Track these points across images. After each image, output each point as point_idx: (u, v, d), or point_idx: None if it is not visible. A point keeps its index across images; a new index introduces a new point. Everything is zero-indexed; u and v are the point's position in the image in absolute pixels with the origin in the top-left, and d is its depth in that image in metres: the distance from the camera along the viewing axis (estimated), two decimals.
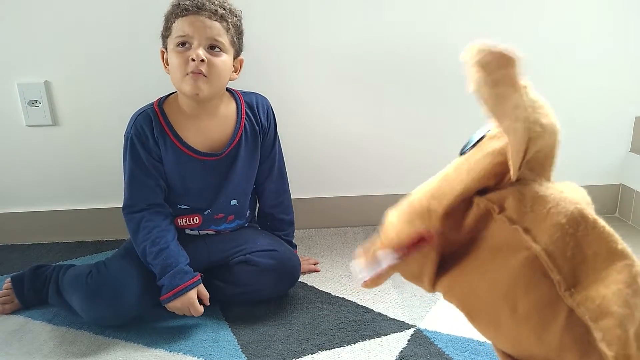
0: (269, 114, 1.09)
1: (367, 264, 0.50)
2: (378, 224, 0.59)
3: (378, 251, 0.49)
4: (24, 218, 1.37)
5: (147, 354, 0.90)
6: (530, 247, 0.39)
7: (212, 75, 0.93)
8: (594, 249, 0.39)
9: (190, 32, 0.92)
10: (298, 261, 1.07)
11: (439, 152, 1.39)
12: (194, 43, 0.92)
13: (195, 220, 1.05)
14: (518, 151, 0.40)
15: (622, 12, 1.32)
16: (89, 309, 0.95)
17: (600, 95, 1.38)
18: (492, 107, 0.40)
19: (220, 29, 0.94)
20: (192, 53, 0.92)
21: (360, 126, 1.37)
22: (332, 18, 1.28)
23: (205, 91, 0.94)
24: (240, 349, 0.91)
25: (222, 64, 0.95)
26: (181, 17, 0.92)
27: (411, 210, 0.48)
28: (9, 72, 1.27)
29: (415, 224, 0.47)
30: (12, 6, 1.22)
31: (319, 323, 0.98)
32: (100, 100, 1.30)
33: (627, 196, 1.42)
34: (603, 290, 0.37)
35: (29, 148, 1.33)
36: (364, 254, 0.50)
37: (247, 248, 1.04)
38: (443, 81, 1.34)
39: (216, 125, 1.02)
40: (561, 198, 0.41)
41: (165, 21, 0.97)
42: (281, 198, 1.14)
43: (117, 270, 0.98)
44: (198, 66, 0.91)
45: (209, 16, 0.92)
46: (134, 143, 0.98)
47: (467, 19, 1.30)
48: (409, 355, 0.88)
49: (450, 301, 0.48)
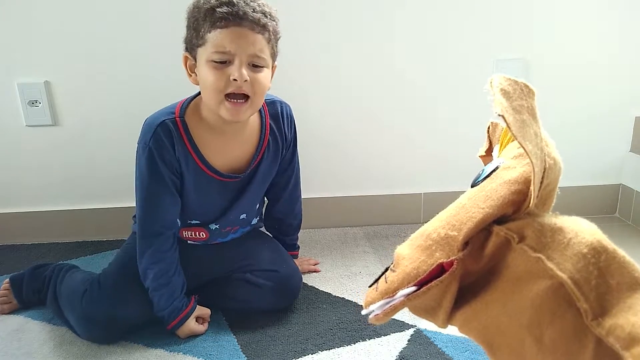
0: (292, 124, 1.02)
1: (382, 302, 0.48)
2: (378, 224, 0.58)
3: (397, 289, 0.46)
4: (24, 218, 1.37)
5: (147, 354, 0.90)
6: (554, 275, 0.39)
7: (255, 96, 0.85)
8: (617, 278, 0.39)
9: (232, 48, 0.81)
10: (299, 278, 1.05)
11: (439, 152, 1.40)
12: (235, 60, 0.82)
13: (202, 234, 1.01)
14: (539, 177, 0.40)
15: (622, 12, 1.32)
16: (85, 330, 0.94)
17: (600, 95, 1.38)
18: (517, 130, 0.41)
19: (263, 42, 0.84)
20: (234, 72, 0.82)
21: (361, 126, 1.37)
22: (330, 16, 1.28)
23: (247, 116, 0.88)
24: (240, 349, 0.91)
25: (264, 80, 0.86)
26: (220, 28, 0.81)
27: (429, 241, 0.47)
28: (9, 72, 1.27)
29: (435, 255, 0.45)
30: (12, 6, 1.22)
31: (319, 323, 0.98)
32: (100, 100, 1.30)
33: (627, 196, 1.42)
34: (632, 318, 0.36)
35: (29, 148, 1.33)
36: (381, 294, 0.48)
37: (249, 265, 1.01)
38: (442, 83, 1.34)
39: (241, 144, 0.95)
40: (579, 229, 0.41)
41: (194, 28, 0.84)
42: (293, 206, 1.12)
43: (111, 290, 0.94)
44: (240, 87, 0.83)
45: (252, 28, 0.82)
46: (153, 156, 0.89)
47: (467, 20, 1.30)
48: (409, 355, 0.88)
49: (468, 334, 0.47)
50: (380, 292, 0.47)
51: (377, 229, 1.39)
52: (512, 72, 1.32)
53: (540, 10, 1.30)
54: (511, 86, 0.43)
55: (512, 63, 1.33)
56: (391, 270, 0.48)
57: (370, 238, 1.35)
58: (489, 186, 0.46)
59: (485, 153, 0.60)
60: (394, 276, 0.47)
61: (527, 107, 0.43)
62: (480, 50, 1.32)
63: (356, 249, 1.29)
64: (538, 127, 0.43)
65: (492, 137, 0.59)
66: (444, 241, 0.45)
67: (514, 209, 0.44)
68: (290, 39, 1.28)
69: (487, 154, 0.60)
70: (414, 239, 0.50)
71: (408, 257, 0.48)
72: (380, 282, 0.48)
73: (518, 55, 1.33)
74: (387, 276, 0.48)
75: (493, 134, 0.59)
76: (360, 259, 1.23)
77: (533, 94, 0.44)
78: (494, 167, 0.48)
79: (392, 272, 0.47)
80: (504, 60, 1.33)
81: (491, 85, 0.43)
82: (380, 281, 0.48)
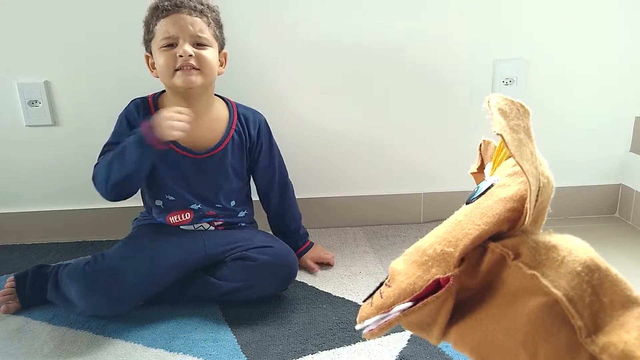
0: (261, 130, 1.11)
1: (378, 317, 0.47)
2: (378, 224, 0.58)
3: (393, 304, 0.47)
4: (24, 218, 1.37)
5: (147, 354, 0.90)
6: (549, 292, 0.39)
7: (203, 67, 0.97)
8: (609, 296, 0.39)
9: (174, 31, 0.95)
10: (295, 258, 1.07)
11: (440, 152, 1.40)
12: (179, 41, 0.95)
13: (186, 216, 1.07)
14: (534, 196, 0.41)
15: (623, 12, 1.32)
16: (85, 296, 0.95)
17: (600, 95, 1.38)
18: (515, 149, 0.42)
19: (202, 24, 0.97)
20: (179, 50, 0.95)
21: (361, 126, 1.37)
22: (326, 15, 1.28)
23: (199, 82, 0.97)
24: (240, 349, 0.91)
25: (210, 55, 0.98)
26: (162, 18, 0.96)
27: (425, 256, 0.47)
28: (9, 72, 1.27)
29: (432, 271, 0.45)
30: (12, 6, 1.22)
31: (319, 323, 0.98)
32: (100, 100, 1.30)
33: (627, 196, 1.42)
34: (625, 336, 0.37)
35: (29, 148, 1.33)
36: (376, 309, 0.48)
37: (243, 245, 1.05)
38: (442, 82, 1.34)
39: (205, 126, 1.04)
40: (572, 247, 0.42)
41: (146, 25, 1.00)
42: (286, 207, 1.18)
43: (114, 258, 0.99)
44: (187, 61, 0.95)
45: (189, 13, 0.96)
46: (122, 122, 1.04)
47: (466, 20, 1.30)
48: (409, 355, 0.88)
49: (462, 350, 0.47)
50: (375, 307, 0.47)
51: (377, 229, 1.39)
52: (512, 72, 1.33)
53: (540, 10, 1.30)
54: (508, 106, 0.44)
55: (512, 63, 1.33)
56: (386, 285, 0.48)
57: (370, 238, 1.35)
58: (485, 203, 0.46)
59: (477, 170, 0.61)
60: (389, 291, 0.47)
61: (523, 126, 0.44)
62: (480, 50, 1.32)
63: (356, 249, 1.29)
64: (533, 146, 0.44)
65: (484, 154, 0.60)
66: (440, 257, 0.45)
67: (509, 226, 0.44)
68: (288, 36, 1.29)
69: (479, 171, 0.61)
70: (409, 254, 0.50)
71: (404, 273, 0.48)
72: (375, 297, 0.48)
73: (518, 55, 1.33)
74: (382, 291, 0.48)
75: (485, 152, 0.60)
76: (360, 259, 1.24)
77: (528, 114, 0.45)
78: (489, 184, 0.49)
79: (388, 287, 0.47)
80: (503, 60, 1.33)
81: (489, 105, 0.44)
82: (375, 296, 0.48)
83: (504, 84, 1.34)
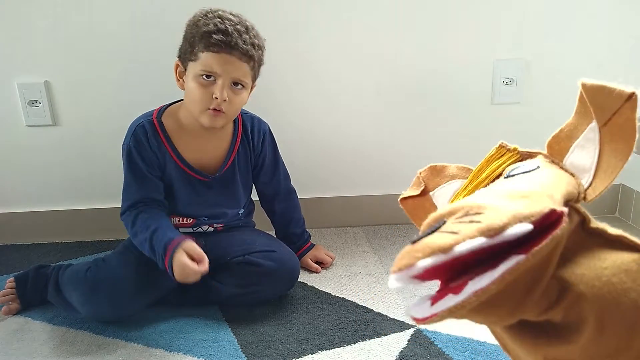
0: (265, 140, 1.10)
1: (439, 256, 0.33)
2: (378, 224, 0.58)
3: (504, 228, 0.34)
4: (24, 218, 1.37)
5: (147, 354, 0.90)
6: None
7: (229, 112, 0.97)
8: None
9: (218, 70, 0.92)
10: (297, 262, 1.07)
11: (439, 152, 1.40)
12: (219, 80, 0.93)
13: (189, 220, 1.08)
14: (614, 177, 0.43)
15: (622, 12, 1.31)
16: (88, 303, 0.95)
17: None
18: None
19: (246, 69, 0.95)
20: (216, 90, 0.93)
21: (361, 126, 1.37)
22: (333, 20, 1.28)
23: (222, 124, 0.99)
24: (240, 349, 0.91)
25: (240, 100, 0.98)
26: (211, 52, 0.91)
27: (519, 195, 0.39)
28: (9, 72, 1.27)
29: (542, 202, 0.37)
30: (12, 6, 1.22)
31: (319, 323, 0.98)
32: (100, 100, 1.30)
33: (627, 196, 1.42)
34: None
35: (29, 148, 1.33)
36: (462, 238, 0.33)
37: (245, 248, 1.04)
38: (442, 82, 1.34)
39: (213, 145, 1.05)
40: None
41: (190, 43, 0.94)
42: (291, 214, 1.19)
43: (115, 265, 0.99)
44: (220, 105, 0.94)
45: (240, 57, 0.92)
46: (133, 154, 0.99)
47: (466, 19, 1.30)
48: (409, 355, 0.88)
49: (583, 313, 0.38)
50: (459, 236, 0.33)
51: (377, 229, 1.39)
52: (512, 72, 1.33)
53: (540, 10, 1.30)
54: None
55: (512, 63, 1.33)
56: (467, 222, 0.35)
57: (370, 238, 1.35)
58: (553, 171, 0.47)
59: (420, 194, 0.60)
60: (489, 217, 0.35)
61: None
62: (480, 50, 1.32)
63: (356, 249, 1.29)
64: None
65: (429, 181, 0.59)
66: (540, 196, 0.38)
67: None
68: (292, 41, 1.29)
69: (421, 195, 0.60)
70: (485, 195, 0.40)
71: (499, 205, 0.36)
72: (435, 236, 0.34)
73: (518, 55, 1.33)
74: (460, 228, 0.34)
75: (429, 179, 0.60)
76: (360, 259, 1.23)
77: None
78: (532, 166, 0.49)
79: (471, 223, 0.34)
80: (503, 60, 1.33)
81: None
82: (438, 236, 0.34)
83: (504, 84, 1.34)
